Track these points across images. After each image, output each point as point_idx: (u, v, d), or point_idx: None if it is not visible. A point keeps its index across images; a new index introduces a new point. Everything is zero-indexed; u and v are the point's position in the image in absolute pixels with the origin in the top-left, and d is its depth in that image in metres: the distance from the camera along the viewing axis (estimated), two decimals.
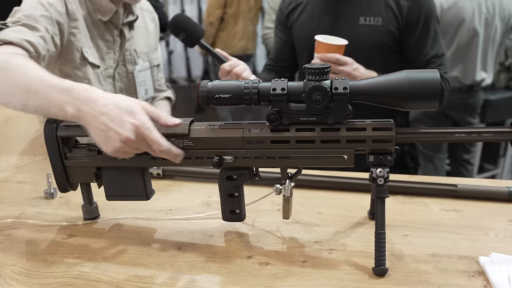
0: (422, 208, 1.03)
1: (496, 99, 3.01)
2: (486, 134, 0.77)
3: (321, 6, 1.48)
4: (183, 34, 1.27)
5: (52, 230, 0.91)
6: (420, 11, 1.38)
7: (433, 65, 1.44)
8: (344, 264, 0.80)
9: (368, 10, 1.41)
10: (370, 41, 1.41)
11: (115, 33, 1.30)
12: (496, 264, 0.79)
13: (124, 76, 1.35)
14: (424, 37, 1.41)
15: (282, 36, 1.61)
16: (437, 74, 0.74)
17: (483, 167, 3.43)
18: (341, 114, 0.78)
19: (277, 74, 1.62)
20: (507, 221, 0.97)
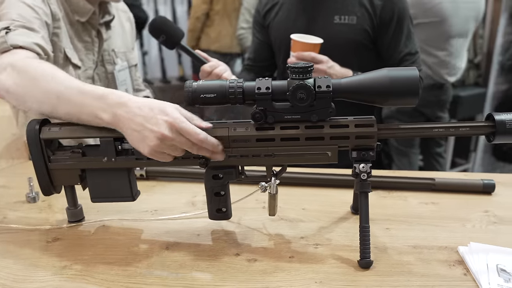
0: (401, 202, 1.07)
1: (466, 96, 3.11)
2: (463, 128, 0.81)
3: (297, 6, 1.50)
4: (163, 36, 1.27)
5: (36, 234, 0.90)
6: (393, 10, 1.42)
7: (406, 63, 1.48)
8: (330, 258, 0.83)
9: (343, 9, 1.44)
10: (345, 39, 1.44)
11: (93, 33, 1.29)
12: (474, 253, 0.82)
13: (104, 77, 1.34)
14: (398, 35, 1.45)
15: (260, 36, 1.62)
16: (416, 71, 0.77)
17: (455, 162, 3.53)
18: (325, 111, 0.80)
19: (256, 74, 1.64)
20: (483, 212, 1.01)
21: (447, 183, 1.10)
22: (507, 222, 0.97)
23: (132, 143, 0.80)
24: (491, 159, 3.61)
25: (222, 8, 3.83)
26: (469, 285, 0.75)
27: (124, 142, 0.85)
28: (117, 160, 0.86)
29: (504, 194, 1.10)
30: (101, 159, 0.86)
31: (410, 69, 0.77)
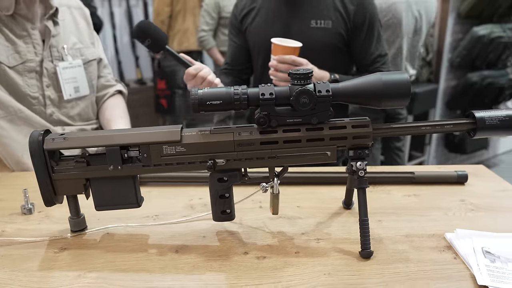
0: (386, 195, 1.14)
1: (421, 92, 3.29)
2: (448, 126, 0.88)
3: (274, 10, 1.56)
4: (149, 40, 1.29)
5: (41, 246, 0.90)
6: (365, 15, 1.50)
7: (378, 64, 1.57)
8: (332, 251, 0.88)
9: (319, 14, 1.50)
10: (322, 43, 1.51)
11: (28, 26, 1.30)
12: (461, 238, 0.91)
13: (52, 73, 1.36)
14: (369, 38, 1.53)
15: (237, 40, 1.66)
16: (406, 75, 0.84)
17: (412, 155, 3.71)
18: (324, 114, 0.86)
19: (235, 78, 1.68)
20: (460, 201, 1.11)
21: (426, 175, 1.19)
22: (483, 209, 1.07)
23: None
24: (444, 151, 3.83)
25: (183, 7, 3.84)
26: (460, 268, 0.83)
27: (130, 150, 0.87)
28: (123, 168, 0.87)
29: (475, 184, 1.20)
30: (107, 167, 0.87)
31: (401, 73, 0.84)
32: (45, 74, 1.33)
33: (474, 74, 3.48)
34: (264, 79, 1.57)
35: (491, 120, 0.87)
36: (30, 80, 1.31)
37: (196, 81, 1.35)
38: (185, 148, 0.86)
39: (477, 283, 0.77)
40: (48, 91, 1.35)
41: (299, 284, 0.78)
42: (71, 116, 1.40)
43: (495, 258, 0.84)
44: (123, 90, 1.59)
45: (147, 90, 4.60)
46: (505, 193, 1.16)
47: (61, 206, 0.94)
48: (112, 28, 4.53)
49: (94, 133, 0.89)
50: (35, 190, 0.99)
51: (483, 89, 3.48)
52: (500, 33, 3.37)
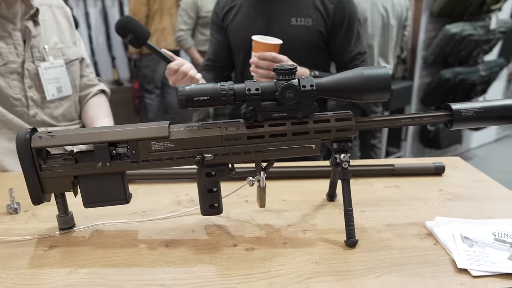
0: (368, 187, 1.18)
1: (396, 89, 3.36)
2: (426, 118, 0.92)
3: (255, 8, 1.58)
4: (131, 36, 1.29)
5: (29, 244, 0.89)
6: (344, 13, 1.54)
7: (357, 62, 1.60)
8: (319, 241, 0.91)
9: (299, 12, 1.53)
10: (302, 40, 1.54)
11: (9, 27, 1.28)
12: (440, 225, 0.95)
13: (34, 73, 1.34)
14: (349, 36, 1.57)
15: (219, 37, 1.68)
16: (386, 69, 0.87)
17: (389, 150, 3.80)
18: (309, 108, 0.88)
19: (216, 74, 1.69)
20: (438, 191, 1.15)
21: (405, 167, 1.23)
22: (459, 198, 1.11)
23: None
24: (420, 146, 3.92)
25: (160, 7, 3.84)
26: (440, 253, 0.87)
27: (118, 146, 0.88)
28: (112, 164, 0.88)
29: (452, 174, 1.25)
30: (95, 164, 0.88)
31: (382, 68, 0.87)
32: (26, 75, 1.32)
33: (447, 71, 3.57)
34: (245, 76, 1.59)
35: (466, 112, 0.91)
36: (12, 82, 1.29)
37: (178, 76, 1.37)
38: (173, 143, 0.87)
39: (457, 267, 0.81)
40: (30, 92, 1.33)
41: (288, 273, 0.80)
42: (54, 116, 1.39)
43: (473, 243, 0.89)
44: (106, 89, 1.58)
45: (124, 91, 4.57)
46: (480, 183, 1.21)
47: (47, 205, 0.94)
48: (87, 28, 4.48)
49: (82, 130, 0.89)
50: (19, 190, 1.00)
51: (455, 85, 3.58)
52: (471, 31, 3.47)
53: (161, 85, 4.36)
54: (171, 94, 4.55)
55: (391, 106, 3.31)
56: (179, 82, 1.41)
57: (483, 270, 0.81)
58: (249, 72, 1.47)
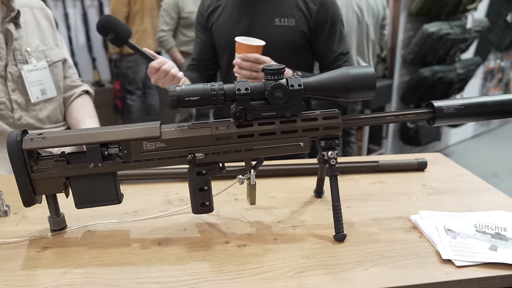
0: (354, 183, 1.21)
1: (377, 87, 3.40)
2: (410, 115, 0.96)
3: (239, 8, 1.59)
4: (111, 35, 1.30)
5: (21, 246, 0.89)
6: (327, 14, 1.56)
7: (340, 62, 1.63)
8: (308, 236, 0.93)
9: (282, 12, 1.55)
10: (285, 40, 1.56)
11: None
12: (425, 219, 0.98)
13: (18, 76, 1.33)
14: (332, 37, 1.59)
15: (203, 37, 1.69)
16: (372, 69, 0.90)
17: (370, 148, 3.86)
18: (297, 107, 0.91)
19: (201, 74, 1.70)
20: (421, 185, 1.19)
21: (389, 164, 1.27)
22: (442, 192, 1.15)
23: None
24: (400, 143, 4.00)
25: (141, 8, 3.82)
26: (425, 245, 0.90)
27: (110, 147, 0.89)
28: (103, 165, 0.89)
29: (434, 170, 1.29)
30: (87, 165, 0.88)
31: (367, 67, 0.90)
32: (9, 79, 1.31)
33: (425, 70, 3.65)
34: (230, 75, 1.60)
35: (448, 109, 0.94)
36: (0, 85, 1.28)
37: (159, 74, 1.38)
38: (165, 143, 0.89)
39: (442, 258, 0.85)
40: (14, 95, 1.32)
41: (280, 267, 0.82)
42: (40, 119, 1.38)
43: (456, 235, 0.92)
44: (90, 90, 1.58)
45: (106, 92, 4.53)
46: (461, 178, 1.26)
47: (37, 207, 0.95)
48: (67, 29, 4.43)
49: (73, 131, 0.90)
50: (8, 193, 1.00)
51: (434, 84, 3.66)
52: (448, 30, 3.55)
53: (143, 86, 4.34)
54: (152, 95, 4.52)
55: (372, 104, 3.36)
56: (161, 81, 1.42)
57: (466, 260, 0.84)
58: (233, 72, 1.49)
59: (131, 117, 4.39)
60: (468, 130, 4.88)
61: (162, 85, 1.44)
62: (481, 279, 0.81)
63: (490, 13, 4.59)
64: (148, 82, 4.40)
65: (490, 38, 4.57)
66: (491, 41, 4.60)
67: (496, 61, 4.94)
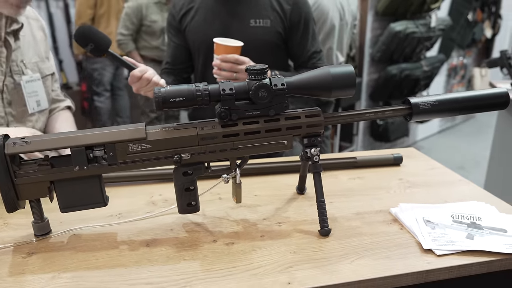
0: (334, 179, 1.24)
1: None
2: (388, 112, 0.99)
3: (213, 10, 1.60)
4: (92, 45, 1.27)
5: (6, 253, 0.88)
6: (300, 14, 1.60)
7: (314, 60, 1.67)
8: (294, 232, 0.96)
9: (257, 13, 1.57)
10: (262, 41, 1.58)
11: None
12: (404, 211, 1.02)
13: (12, 88, 1.29)
14: (305, 36, 1.63)
15: (176, 40, 1.68)
16: (351, 67, 0.93)
17: (342, 145, 3.93)
18: (280, 106, 0.93)
19: (176, 77, 1.70)
20: (398, 180, 1.23)
21: (367, 159, 1.31)
22: (418, 185, 1.20)
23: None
24: (370, 140, 4.09)
25: (107, 11, 3.76)
26: (406, 237, 0.94)
27: (95, 149, 0.88)
28: (89, 168, 0.88)
29: (409, 164, 1.34)
30: (72, 168, 0.88)
31: (347, 66, 0.93)
32: (5, 91, 1.26)
33: (393, 67, 3.75)
34: (206, 77, 1.61)
35: (424, 105, 0.98)
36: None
37: (141, 83, 1.37)
38: (151, 144, 0.89)
39: (423, 248, 0.89)
40: (9, 108, 1.28)
41: (269, 263, 0.84)
42: (40, 128, 1.36)
43: (435, 226, 0.96)
44: (72, 106, 1.55)
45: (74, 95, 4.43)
46: (434, 171, 1.31)
47: (18, 213, 0.93)
48: None
49: (57, 135, 0.89)
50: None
51: (401, 81, 3.77)
52: (413, 29, 3.66)
53: (111, 87, 4.28)
54: (122, 96, 4.46)
55: (342, 102, 3.43)
56: (143, 89, 1.40)
57: (446, 249, 0.88)
58: (210, 74, 1.49)
59: (101, 119, 4.31)
60: (434, 126, 5.03)
61: (144, 93, 1.43)
62: (461, 266, 0.85)
63: (452, 12, 4.76)
64: (117, 83, 4.35)
65: (453, 36, 4.74)
66: (454, 39, 4.77)
67: (459, 59, 5.13)
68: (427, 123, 4.58)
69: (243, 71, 1.42)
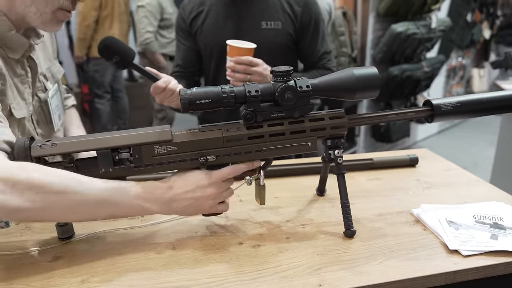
0: (352, 181, 1.24)
1: None
2: (410, 113, 0.99)
3: (224, 13, 1.59)
4: (117, 58, 1.23)
5: (31, 257, 0.87)
6: (311, 15, 1.59)
7: (324, 61, 1.67)
8: (319, 234, 0.96)
9: (269, 15, 1.57)
10: (273, 43, 1.58)
11: (26, 63, 1.08)
12: (426, 212, 1.02)
13: (38, 107, 1.15)
14: (316, 36, 1.62)
15: (187, 43, 1.68)
16: (374, 69, 0.93)
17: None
18: (305, 108, 0.93)
19: (188, 80, 1.69)
20: (416, 180, 1.23)
21: (383, 160, 1.31)
22: (436, 186, 1.20)
23: (190, 214, 0.92)
24: (372, 141, 4.10)
25: (110, 13, 3.76)
26: (430, 237, 0.94)
27: (120, 152, 0.88)
28: (114, 170, 0.88)
29: (424, 165, 1.35)
30: (98, 171, 0.87)
31: (371, 68, 0.93)
32: (33, 112, 1.12)
33: (394, 68, 3.76)
34: (219, 80, 1.60)
35: (445, 107, 0.98)
36: (30, 123, 1.11)
37: (165, 94, 1.34)
38: (176, 146, 0.89)
39: (449, 248, 0.89)
40: (39, 129, 1.16)
41: (298, 265, 0.84)
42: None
43: (458, 226, 0.97)
44: (75, 103, 1.52)
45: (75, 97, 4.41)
46: (450, 172, 1.31)
47: None
48: None
49: (82, 137, 0.88)
50: None
51: (403, 82, 3.78)
52: (414, 30, 3.67)
53: (112, 89, 4.26)
54: (122, 98, 4.45)
55: (344, 103, 3.44)
56: (167, 100, 1.38)
57: (472, 250, 0.89)
58: (222, 76, 1.48)
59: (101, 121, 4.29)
60: (433, 126, 5.05)
61: (168, 103, 1.40)
62: (487, 267, 0.86)
63: (451, 13, 4.79)
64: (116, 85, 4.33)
65: (452, 37, 4.76)
66: (453, 40, 4.80)
67: (458, 59, 5.16)
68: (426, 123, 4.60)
69: (257, 73, 1.42)
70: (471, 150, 4.61)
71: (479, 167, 4.06)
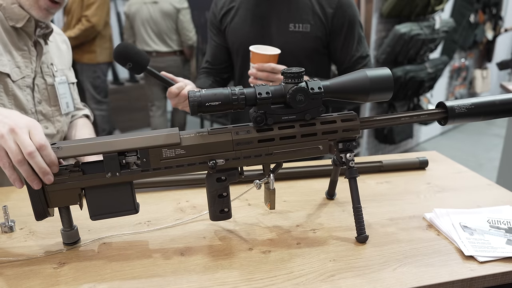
0: (361, 184, 1.21)
1: None
2: (423, 116, 0.97)
3: (253, 11, 1.54)
4: (130, 64, 1.22)
5: (37, 263, 0.85)
6: (344, 17, 1.50)
7: (359, 66, 1.54)
8: (330, 239, 0.93)
9: (297, 18, 1.50)
10: (300, 46, 1.51)
11: (29, 43, 1.26)
12: (440, 217, 1.00)
13: (43, 88, 1.31)
14: (349, 40, 1.53)
15: (217, 39, 1.64)
16: (388, 70, 0.91)
17: None
18: (316, 110, 0.90)
19: (215, 77, 1.66)
20: (426, 184, 1.21)
21: (392, 163, 1.28)
22: (447, 190, 1.18)
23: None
24: (375, 142, 4.07)
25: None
26: (445, 243, 0.92)
27: (127, 155, 0.86)
28: (121, 174, 0.85)
29: (434, 168, 1.32)
30: (104, 175, 0.85)
31: (384, 69, 0.91)
32: (36, 90, 1.29)
33: (398, 69, 3.73)
34: (244, 79, 1.55)
35: (459, 109, 0.96)
36: (27, 96, 1.26)
37: (179, 99, 1.33)
38: (185, 150, 0.86)
39: (464, 254, 0.86)
40: (40, 106, 1.30)
41: (310, 272, 0.82)
42: (63, 131, 1.38)
43: (473, 231, 0.94)
44: (90, 115, 1.54)
45: None
46: (460, 175, 1.29)
47: (44, 221, 0.89)
48: None
49: (88, 140, 0.86)
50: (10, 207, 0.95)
51: (406, 83, 3.75)
52: (418, 31, 3.65)
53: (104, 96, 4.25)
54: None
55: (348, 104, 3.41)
56: (181, 105, 1.37)
57: (488, 256, 0.86)
58: (248, 76, 1.43)
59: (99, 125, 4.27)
60: (436, 127, 5.03)
61: (182, 108, 1.39)
62: (505, 273, 0.83)
63: (454, 13, 4.76)
64: None
65: (455, 38, 4.74)
66: (456, 40, 4.77)
67: (461, 60, 5.13)
68: (430, 124, 4.57)
69: (279, 80, 1.37)
70: (474, 151, 4.59)
71: (484, 168, 4.04)
